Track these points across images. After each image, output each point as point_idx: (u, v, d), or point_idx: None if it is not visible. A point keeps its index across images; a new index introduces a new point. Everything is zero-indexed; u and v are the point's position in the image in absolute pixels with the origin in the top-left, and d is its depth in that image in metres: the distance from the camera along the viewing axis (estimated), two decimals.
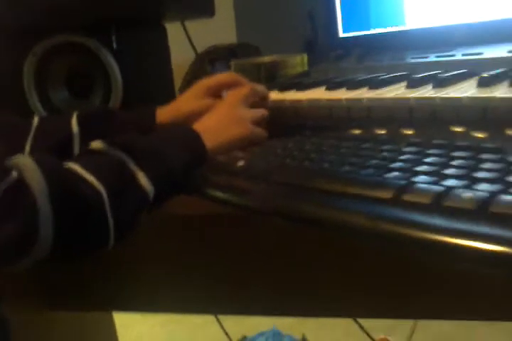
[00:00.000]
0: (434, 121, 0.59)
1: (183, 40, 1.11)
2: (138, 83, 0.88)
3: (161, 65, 0.94)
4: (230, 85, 0.68)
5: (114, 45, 0.85)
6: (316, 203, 0.44)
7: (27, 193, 0.45)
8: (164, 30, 0.94)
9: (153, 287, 0.80)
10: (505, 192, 0.37)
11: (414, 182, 0.41)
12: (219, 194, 0.54)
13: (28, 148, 0.68)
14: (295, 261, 0.66)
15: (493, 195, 0.37)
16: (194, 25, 1.08)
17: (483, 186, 0.39)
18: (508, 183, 0.39)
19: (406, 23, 0.85)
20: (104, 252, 0.71)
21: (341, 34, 0.90)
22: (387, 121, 0.62)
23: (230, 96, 0.66)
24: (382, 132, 0.59)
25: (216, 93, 0.69)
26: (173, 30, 1.06)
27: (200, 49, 1.16)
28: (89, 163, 0.51)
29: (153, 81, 0.92)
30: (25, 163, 0.47)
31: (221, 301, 0.74)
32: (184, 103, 0.70)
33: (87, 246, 0.51)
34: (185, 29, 1.05)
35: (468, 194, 0.37)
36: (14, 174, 0.46)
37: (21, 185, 0.45)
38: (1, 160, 0.47)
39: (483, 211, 0.36)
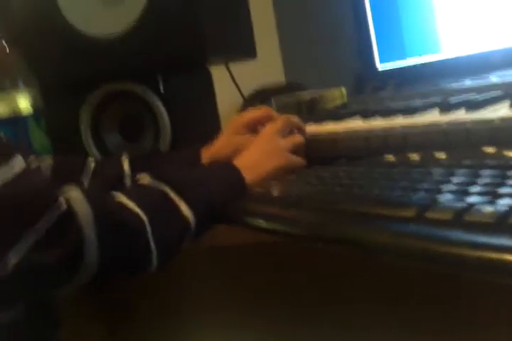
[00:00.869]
0: (467, 143, 0.60)
1: (230, 84, 1.16)
2: (185, 125, 0.93)
3: (207, 106, 0.98)
4: (264, 119, 0.71)
5: (162, 90, 0.90)
6: (346, 225, 0.46)
7: (74, 221, 0.49)
8: (208, 73, 0.98)
9: (207, 326, 0.81)
10: None
11: (438, 200, 0.42)
12: (259, 222, 0.56)
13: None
14: (341, 294, 0.66)
15: None
16: (241, 67, 1.13)
17: (505, 201, 0.39)
18: None
19: (441, 50, 0.86)
20: (163, 294, 0.73)
21: (378, 66, 0.93)
22: (422, 145, 0.63)
23: (266, 129, 0.69)
24: (416, 157, 0.60)
25: (253, 128, 0.72)
26: (220, 75, 1.10)
27: (249, 90, 1.20)
28: (132, 193, 0.56)
29: (200, 122, 0.96)
30: (74, 194, 0.51)
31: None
32: (225, 143, 0.74)
33: (129, 271, 0.54)
34: (230, 72, 1.10)
35: (488, 208, 0.38)
36: (62, 202, 0.50)
37: (70, 214, 0.49)
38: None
39: (502, 223, 0.36)
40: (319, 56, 1.31)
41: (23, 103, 0.98)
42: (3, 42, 0.98)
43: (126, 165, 0.75)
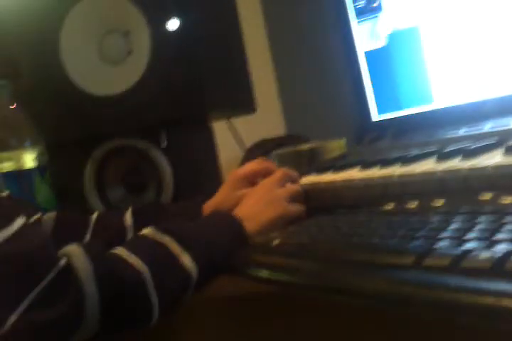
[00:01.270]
0: (463, 191, 0.61)
1: (232, 136, 1.18)
2: (187, 179, 0.94)
3: (209, 159, 1.00)
4: (263, 172, 0.73)
5: (164, 145, 0.92)
6: (346, 274, 0.46)
7: (74, 277, 0.49)
8: (210, 127, 1.01)
9: None
10: None
11: (435, 248, 0.43)
12: (261, 272, 0.56)
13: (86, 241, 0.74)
14: None
15: (508, 253, 0.38)
16: (242, 120, 1.15)
17: (501, 246, 0.40)
18: None
19: (435, 101, 0.89)
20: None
21: (375, 117, 0.95)
22: (420, 193, 0.64)
23: (264, 181, 0.70)
24: (414, 205, 0.61)
25: (252, 181, 0.74)
26: (221, 128, 1.13)
27: (250, 142, 1.22)
28: (134, 246, 0.56)
29: (202, 176, 0.98)
30: (74, 250, 0.51)
31: None
32: (225, 196, 0.75)
33: (130, 325, 0.53)
34: (231, 127, 1.12)
35: (484, 254, 0.39)
36: (63, 261, 0.50)
37: (70, 270, 0.49)
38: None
39: (498, 269, 0.37)
40: (319, 109, 1.34)
41: (30, 162, 1.00)
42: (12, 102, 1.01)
43: (128, 218, 0.76)
